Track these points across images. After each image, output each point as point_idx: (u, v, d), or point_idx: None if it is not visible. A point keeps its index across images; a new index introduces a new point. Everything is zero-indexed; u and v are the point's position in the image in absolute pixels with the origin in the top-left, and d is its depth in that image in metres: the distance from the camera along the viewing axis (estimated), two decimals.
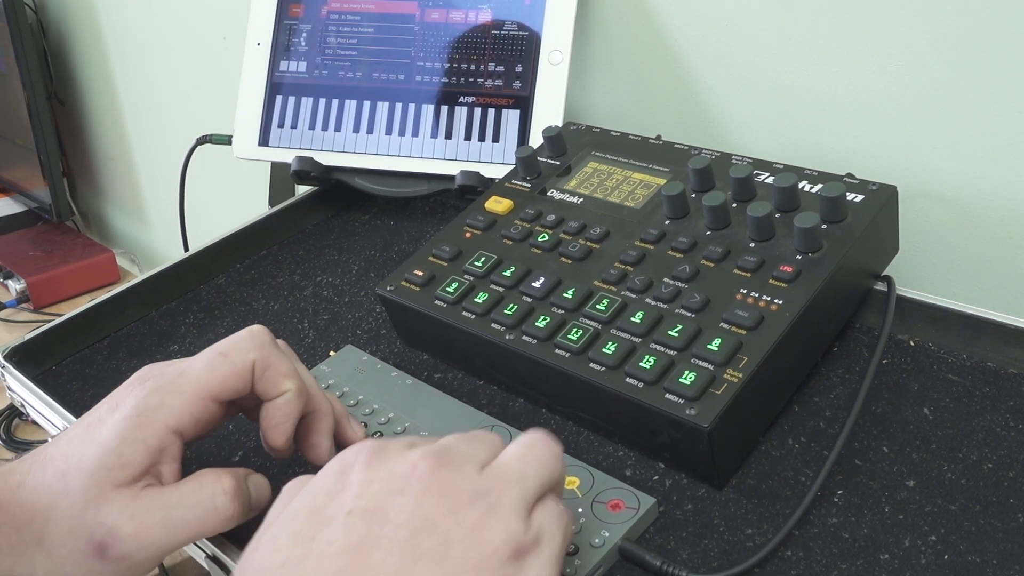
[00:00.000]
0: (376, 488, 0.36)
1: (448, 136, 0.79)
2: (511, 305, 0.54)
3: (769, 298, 0.50)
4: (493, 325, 0.54)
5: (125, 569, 0.43)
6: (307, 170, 0.81)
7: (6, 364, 0.67)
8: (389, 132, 0.81)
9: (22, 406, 0.68)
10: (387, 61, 0.82)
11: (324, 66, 0.84)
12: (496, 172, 0.76)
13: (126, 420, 0.44)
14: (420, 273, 0.59)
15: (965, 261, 0.65)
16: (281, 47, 0.85)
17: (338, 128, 0.82)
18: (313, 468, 0.52)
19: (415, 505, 0.35)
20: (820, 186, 0.55)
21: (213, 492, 0.44)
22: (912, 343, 0.55)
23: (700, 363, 0.47)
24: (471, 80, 0.80)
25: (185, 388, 0.45)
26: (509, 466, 0.39)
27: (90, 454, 0.43)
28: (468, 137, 0.79)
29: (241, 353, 0.47)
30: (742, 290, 0.51)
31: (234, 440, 0.57)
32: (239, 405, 0.50)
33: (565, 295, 0.54)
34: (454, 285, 0.57)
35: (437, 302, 0.57)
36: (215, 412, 0.46)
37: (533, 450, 0.40)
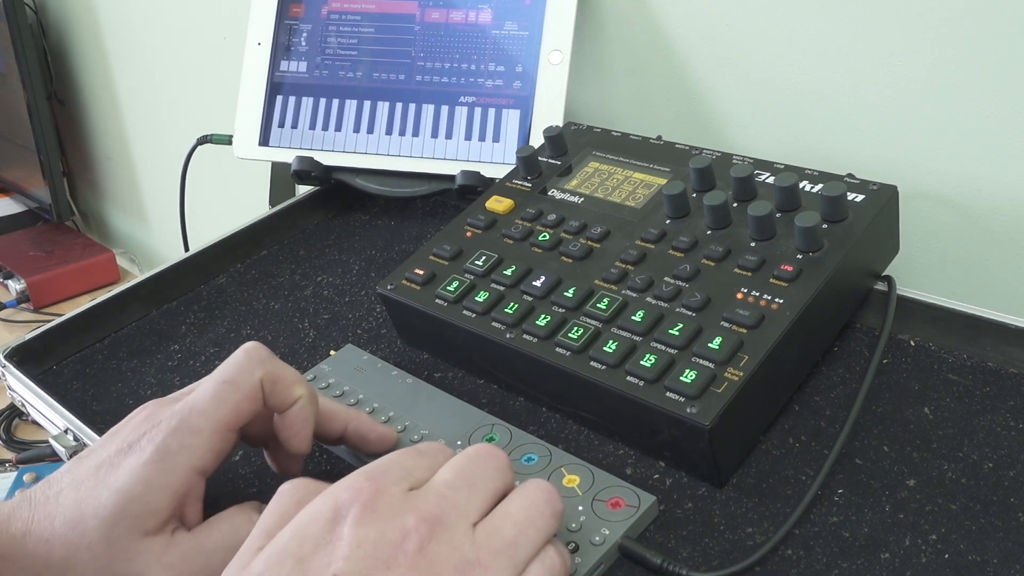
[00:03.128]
0: (364, 553, 0.35)
1: (448, 136, 0.79)
2: (512, 304, 0.54)
3: (770, 297, 0.50)
4: (494, 324, 0.54)
5: None
6: (307, 170, 0.81)
7: (7, 363, 0.67)
8: (389, 132, 0.81)
9: (22, 405, 0.68)
10: (387, 61, 0.82)
11: (324, 66, 0.84)
12: (496, 172, 0.76)
13: (149, 465, 0.42)
14: (421, 272, 0.59)
15: (965, 261, 0.65)
16: (281, 47, 0.85)
17: (338, 128, 0.82)
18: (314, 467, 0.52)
19: None
20: (821, 186, 0.55)
21: (237, 537, 0.43)
22: (912, 343, 0.56)
23: (701, 362, 0.47)
24: (471, 80, 0.80)
25: (202, 426, 0.44)
26: (503, 532, 0.38)
27: (109, 502, 0.41)
28: (468, 137, 0.79)
29: (246, 375, 0.45)
30: (743, 289, 0.51)
31: None
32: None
33: (566, 294, 0.54)
34: (455, 284, 0.57)
35: (437, 301, 0.57)
36: (233, 442, 0.45)
37: (533, 508, 0.39)
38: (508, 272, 0.57)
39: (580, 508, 0.46)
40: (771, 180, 0.57)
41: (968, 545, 0.43)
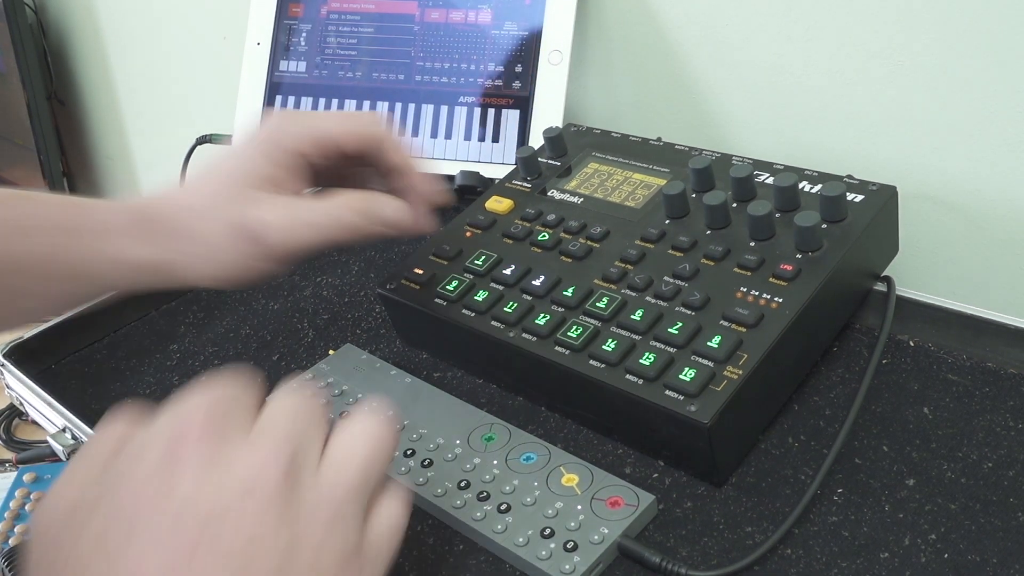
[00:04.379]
0: (212, 489, 0.33)
1: (448, 136, 0.80)
2: (511, 303, 0.54)
3: (769, 296, 0.50)
4: (493, 323, 0.54)
5: (270, 255, 0.50)
6: None
7: (5, 362, 0.67)
8: None
9: (21, 404, 0.68)
10: (387, 61, 0.82)
11: (324, 66, 0.84)
12: (496, 172, 0.76)
13: (258, 141, 0.51)
14: (420, 272, 0.59)
15: (965, 261, 0.65)
16: (281, 47, 0.85)
17: None
18: None
19: (252, 521, 0.33)
20: (820, 186, 0.55)
21: (339, 205, 0.50)
22: (912, 343, 0.55)
23: (700, 360, 0.47)
24: (471, 80, 0.80)
25: (305, 122, 0.52)
26: (349, 469, 0.36)
27: (233, 167, 0.51)
28: (468, 137, 0.79)
29: (369, 123, 0.53)
30: (742, 288, 0.51)
31: None
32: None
33: (565, 293, 0.54)
34: (454, 283, 0.57)
35: (437, 300, 0.57)
36: (334, 152, 0.52)
37: (373, 442, 0.37)
38: (508, 272, 0.57)
39: (579, 507, 0.46)
40: (770, 180, 0.57)
41: (967, 545, 0.43)
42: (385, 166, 0.54)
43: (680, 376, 0.46)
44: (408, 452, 0.52)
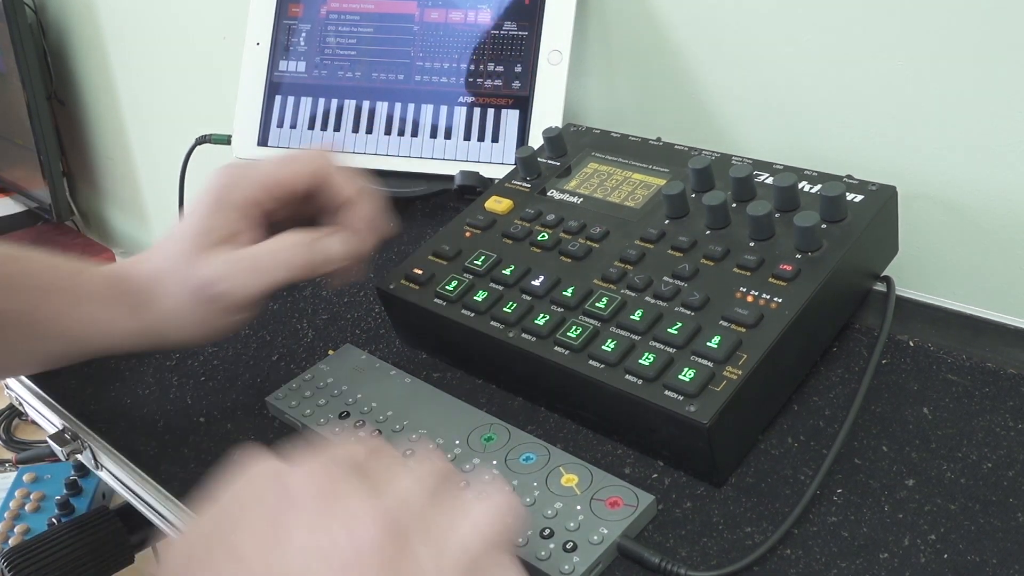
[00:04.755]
0: (312, 557, 0.32)
1: (447, 136, 0.80)
2: (511, 303, 0.54)
3: (769, 296, 0.50)
4: (492, 323, 0.54)
5: (226, 306, 0.53)
6: None
7: None
8: (388, 132, 0.81)
9: (20, 404, 0.68)
10: (386, 61, 0.82)
11: (323, 66, 0.84)
12: (495, 172, 0.76)
13: (206, 200, 0.54)
14: (420, 272, 0.59)
15: (965, 261, 0.65)
16: (280, 47, 0.85)
17: (337, 128, 0.82)
18: None
19: None
20: (820, 186, 0.55)
21: (282, 247, 0.53)
22: (912, 343, 0.55)
23: (700, 360, 0.47)
24: (470, 80, 0.80)
25: (250, 173, 0.55)
26: (466, 553, 0.34)
27: (185, 230, 0.54)
28: (467, 137, 0.79)
29: (312, 161, 0.55)
30: (742, 288, 0.51)
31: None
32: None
33: (565, 293, 0.54)
34: (454, 283, 0.57)
35: (436, 300, 0.57)
36: (286, 195, 0.55)
37: (498, 521, 0.35)
38: (507, 272, 0.57)
39: (578, 507, 0.46)
40: (770, 180, 0.57)
41: (967, 545, 0.43)
42: (334, 201, 0.56)
43: (680, 376, 0.46)
44: (407, 453, 0.52)
